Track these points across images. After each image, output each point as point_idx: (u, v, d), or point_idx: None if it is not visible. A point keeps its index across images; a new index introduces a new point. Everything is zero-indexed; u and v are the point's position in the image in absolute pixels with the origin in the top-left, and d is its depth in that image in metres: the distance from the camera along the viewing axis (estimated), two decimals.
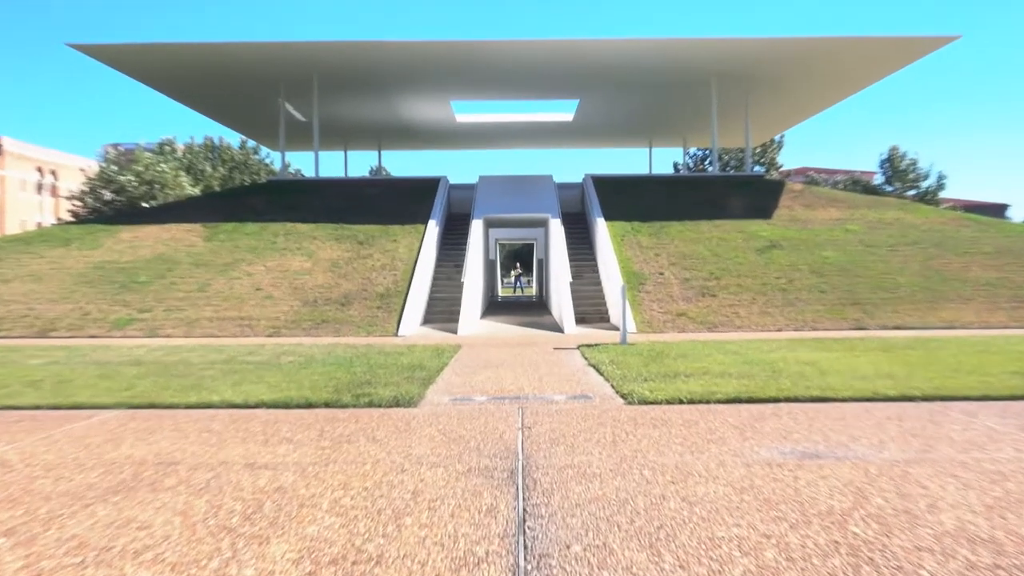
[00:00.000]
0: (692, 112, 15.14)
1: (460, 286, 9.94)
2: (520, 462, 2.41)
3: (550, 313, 12.42)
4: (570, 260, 10.62)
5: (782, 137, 28.24)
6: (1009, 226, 10.89)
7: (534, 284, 24.67)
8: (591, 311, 10.25)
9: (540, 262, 19.53)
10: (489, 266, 16.94)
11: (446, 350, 6.38)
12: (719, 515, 1.90)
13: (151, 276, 9.62)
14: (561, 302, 9.18)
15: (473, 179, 15.85)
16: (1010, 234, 10.37)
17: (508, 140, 18.27)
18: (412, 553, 1.69)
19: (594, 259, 11.91)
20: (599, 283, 11.12)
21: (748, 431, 2.92)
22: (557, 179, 14.13)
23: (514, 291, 22.27)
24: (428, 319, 10.17)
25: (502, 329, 9.38)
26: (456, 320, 9.09)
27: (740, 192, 13.03)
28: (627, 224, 11.79)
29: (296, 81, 13.04)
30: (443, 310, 10.45)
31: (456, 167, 67.04)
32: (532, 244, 25.70)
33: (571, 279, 9.80)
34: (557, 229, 11.24)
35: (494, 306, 15.37)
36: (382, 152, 18.48)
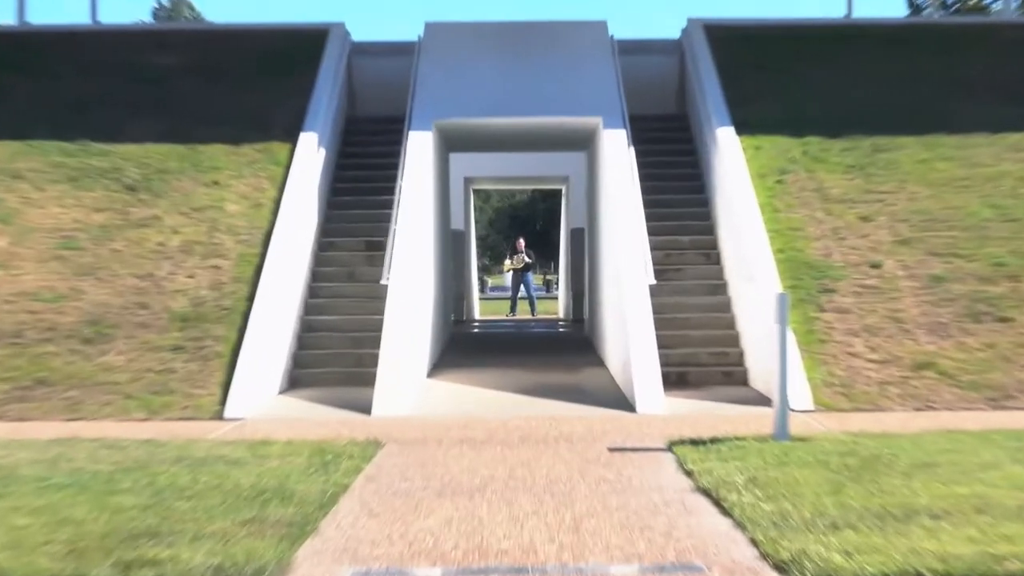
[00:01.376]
0: None
1: (380, 295, 10.18)
2: None
3: (600, 360, 12.80)
4: (651, 233, 10.91)
5: None
6: None
7: (560, 287, 25.33)
8: (701, 356, 10.73)
9: (576, 236, 19.84)
10: (451, 245, 17.41)
11: (344, 454, 6.65)
12: None
13: None
14: (629, 334, 9.47)
15: (410, 31, 16.21)
16: None
17: None
18: None
19: (709, 228, 12.40)
20: (722, 288, 11.62)
21: None
22: (620, 33, 13.69)
23: (512, 309, 22.67)
24: (299, 377, 10.59)
25: (483, 401, 9.72)
26: (368, 379, 9.28)
27: None
28: (789, 143, 12.23)
29: None
30: (337, 354, 10.89)
31: (367, 2, 67.71)
32: (558, 192, 26.23)
33: (653, 280, 10.11)
34: (617, 154, 11.63)
35: (465, 342, 15.80)
36: None
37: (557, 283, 30.62)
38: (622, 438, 7.47)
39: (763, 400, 8.97)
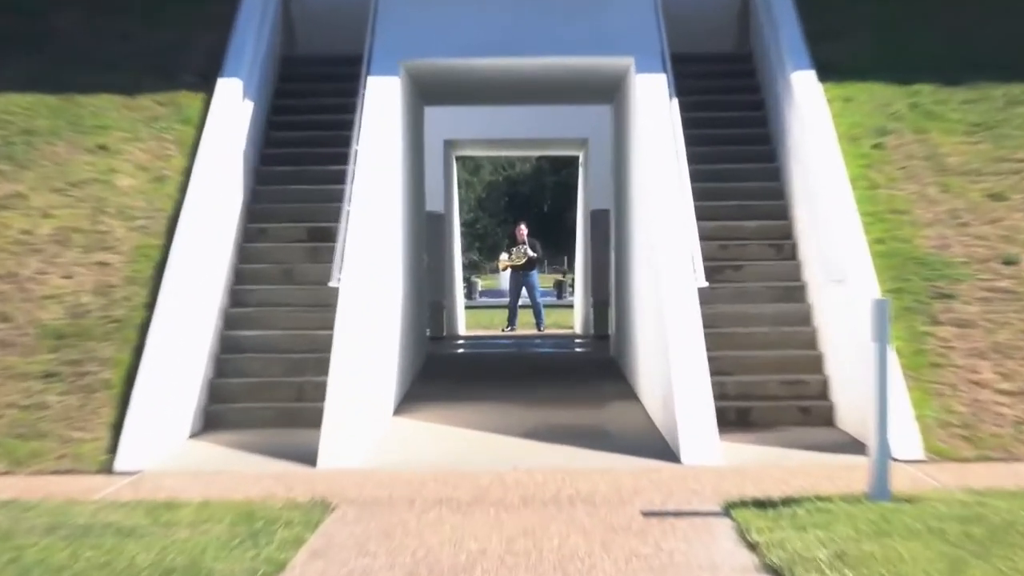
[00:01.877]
0: None
1: (329, 302, 10.23)
2: None
3: (632, 391, 12.84)
4: (702, 217, 10.93)
5: None
6: None
7: (577, 291, 25.53)
8: (770, 385, 10.78)
9: (598, 221, 20.09)
10: (427, 234, 17.44)
11: (280, 520, 6.66)
12: None
13: None
14: (671, 356, 9.53)
15: None
16: None
17: None
18: None
19: (782, 211, 12.47)
20: (798, 292, 11.68)
21: None
22: None
23: (511, 321, 23.21)
24: (218, 415, 10.62)
25: (471, 447, 9.73)
26: (313, 417, 9.31)
27: None
28: (891, 92, 12.27)
29: None
30: (270, 383, 10.94)
31: None
32: (573, 160, 26.61)
33: (704, 282, 10.20)
34: (655, 109, 11.64)
35: (446, 366, 15.90)
36: None
37: (572, 286, 30.55)
38: (661, 498, 7.48)
39: (855, 446, 8.98)
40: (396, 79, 11.91)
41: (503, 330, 22.45)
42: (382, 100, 11.59)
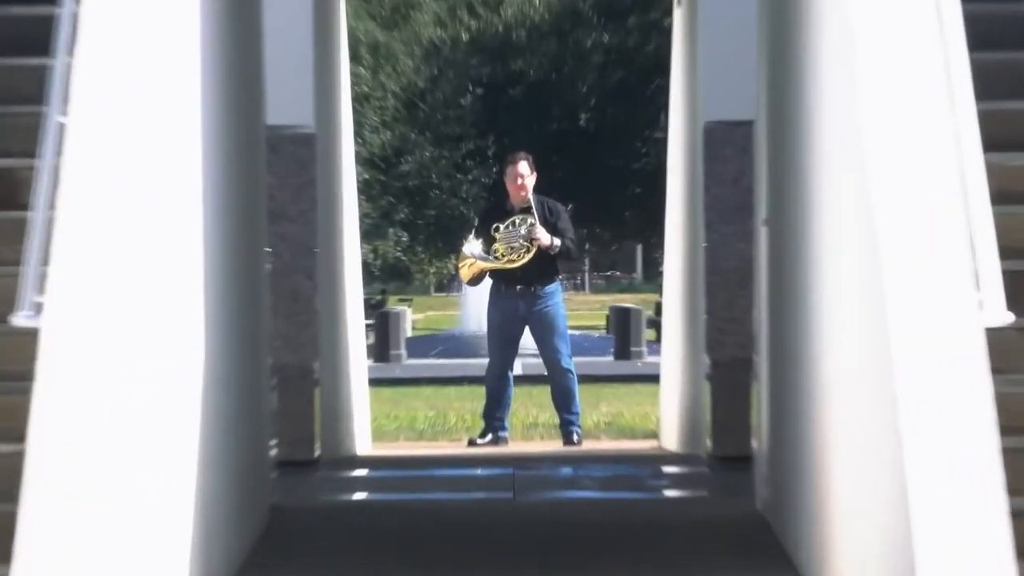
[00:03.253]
0: None
1: (9, 369, 9.22)
2: None
3: None
4: (992, 146, 8.88)
5: None
6: None
7: (670, 330, 21.86)
8: None
9: (717, 150, 17.99)
10: (265, 191, 15.08)
11: None
12: None
13: None
14: (913, 502, 7.23)
15: None
16: None
17: None
18: None
19: None
20: None
21: None
22: None
23: (491, 421, 21.41)
24: None
25: None
26: None
27: None
28: None
29: None
30: None
31: None
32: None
33: (1005, 316, 7.65)
34: None
35: (318, 542, 16.38)
36: None
37: (657, 324, 26.39)
38: None
39: None
40: None
41: (473, 442, 18.20)
42: None
